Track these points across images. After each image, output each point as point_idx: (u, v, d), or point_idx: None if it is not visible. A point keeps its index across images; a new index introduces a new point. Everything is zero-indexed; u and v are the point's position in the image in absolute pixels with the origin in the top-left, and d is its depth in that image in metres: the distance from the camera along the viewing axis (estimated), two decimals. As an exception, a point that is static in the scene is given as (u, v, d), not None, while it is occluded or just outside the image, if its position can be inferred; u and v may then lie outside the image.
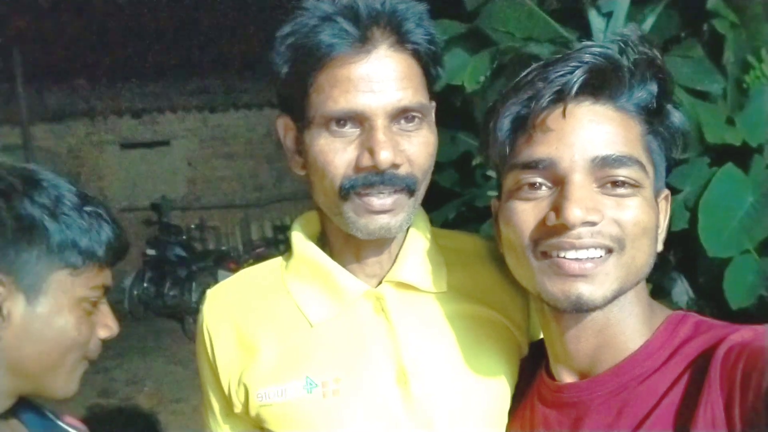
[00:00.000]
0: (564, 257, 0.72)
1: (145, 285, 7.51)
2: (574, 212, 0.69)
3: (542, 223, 0.74)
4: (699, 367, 0.69)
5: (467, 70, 2.83)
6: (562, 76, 0.73)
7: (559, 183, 0.73)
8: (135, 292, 7.52)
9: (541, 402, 0.84)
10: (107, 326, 0.90)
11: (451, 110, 3.04)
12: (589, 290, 0.72)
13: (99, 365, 6.13)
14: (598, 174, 0.72)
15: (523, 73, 0.77)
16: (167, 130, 8.78)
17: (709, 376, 0.66)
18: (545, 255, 0.74)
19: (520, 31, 2.90)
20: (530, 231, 0.75)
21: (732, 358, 0.65)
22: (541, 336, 0.88)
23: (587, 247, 0.71)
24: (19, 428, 0.90)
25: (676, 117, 0.77)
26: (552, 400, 0.82)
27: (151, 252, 7.57)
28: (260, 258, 1.04)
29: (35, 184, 0.83)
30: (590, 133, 0.72)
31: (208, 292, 1.00)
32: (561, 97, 0.73)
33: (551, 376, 0.83)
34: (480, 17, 2.99)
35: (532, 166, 0.74)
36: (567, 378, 0.81)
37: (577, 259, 0.72)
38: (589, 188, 0.71)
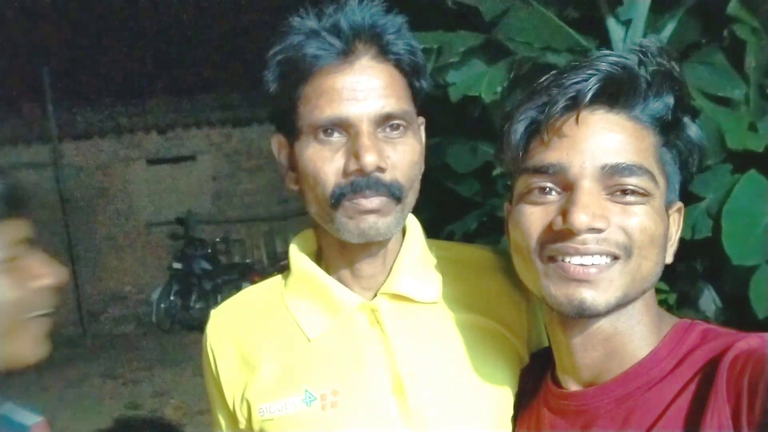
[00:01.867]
0: (569, 262, 0.72)
1: (171, 298, 7.62)
2: (580, 217, 0.70)
3: (549, 227, 0.74)
4: (706, 375, 0.68)
5: (485, 81, 2.83)
6: (577, 83, 0.73)
7: (569, 189, 0.73)
8: (162, 305, 7.63)
9: (547, 409, 0.84)
10: (41, 275, 0.87)
11: (470, 121, 3.05)
12: (592, 296, 0.72)
13: (126, 377, 6.21)
14: (607, 182, 0.72)
15: (540, 80, 0.78)
16: (192, 146, 8.90)
17: (716, 384, 0.66)
18: (551, 259, 0.75)
19: (538, 40, 2.90)
20: (538, 234, 0.75)
21: (739, 366, 0.64)
22: (544, 346, 0.88)
23: (592, 254, 0.71)
24: None
25: (693, 131, 0.77)
26: (559, 407, 0.81)
27: (177, 265, 7.67)
28: (284, 270, 1.06)
29: None
30: (602, 140, 0.72)
31: (212, 312, 1.03)
32: (575, 104, 0.73)
33: (557, 384, 0.83)
34: (498, 27, 2.99)
35: (542, 170, 0.75)
36: (573, 386, 0.81)
37: (581, 264, 0.72)
38: (598, 195, 0.72)
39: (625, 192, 0.72)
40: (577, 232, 0.71)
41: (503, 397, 0.91)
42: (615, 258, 0.72)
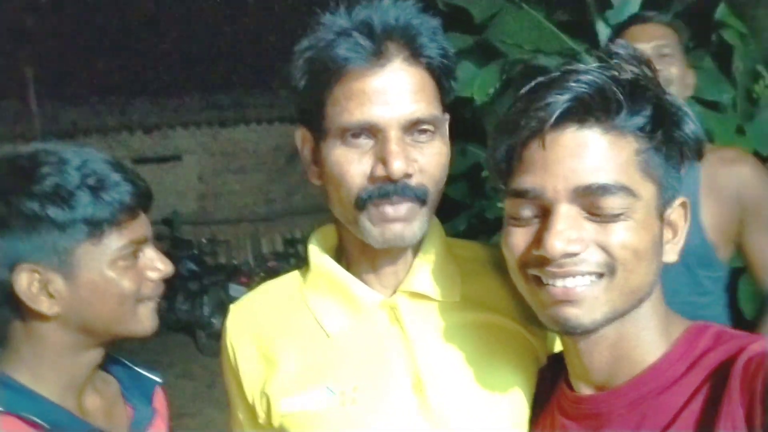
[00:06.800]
0: (552, 284, 0.73)
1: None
2: (553, 245, 0.70)
3: (530, 249, 0.75)
4: (719, 378, 0.69)
5: (476, 83, 2.85)
6: (545, 104, 0.71)
7: (547, 212, 0.73)
8: (146, 307, 7.56)
9: (561, 413, 0.84)
10: (155, 269, 0.97)
11: (461, 122, 3.06)
12: (575, 314, 0.72)
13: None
14: (583, 201, 0.71)
15: (515, 99, 0.77)
16: (178, 145, 8.84)
17: (729, 387, 0.66)
18: (536, 279, 0.76)
19: (528, 43, 2.92)
20: (520, 255, 0.76)
21: (752, 369, 0.64)
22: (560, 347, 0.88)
23: (574, 275, 0.72)
24: (110, 379, 1.05)
25: (689, 126, 0.74)
26: (572, 411, 0.82)
27: (162, 266, 7.60)
28: (271, 271, 1.08)
29: (33, 176, 0.87)
30: (573, 161, 0.71)
31: (231, 307, 1.04)
32: (541, 127, 0.72)
33: (571, 388, 0.83)
34: (488, 30, 3.00)
35: (521, 195, 0.75)
36: (586, 390, 0.81)
37: (564, 286, 0.72)
38: (575, 217, 0.71)
39: (603, 208, 0.71)
40: (552, 258, 0.71)
41: (521, 398, 0.92)
42: (600, 275, 0.72)
